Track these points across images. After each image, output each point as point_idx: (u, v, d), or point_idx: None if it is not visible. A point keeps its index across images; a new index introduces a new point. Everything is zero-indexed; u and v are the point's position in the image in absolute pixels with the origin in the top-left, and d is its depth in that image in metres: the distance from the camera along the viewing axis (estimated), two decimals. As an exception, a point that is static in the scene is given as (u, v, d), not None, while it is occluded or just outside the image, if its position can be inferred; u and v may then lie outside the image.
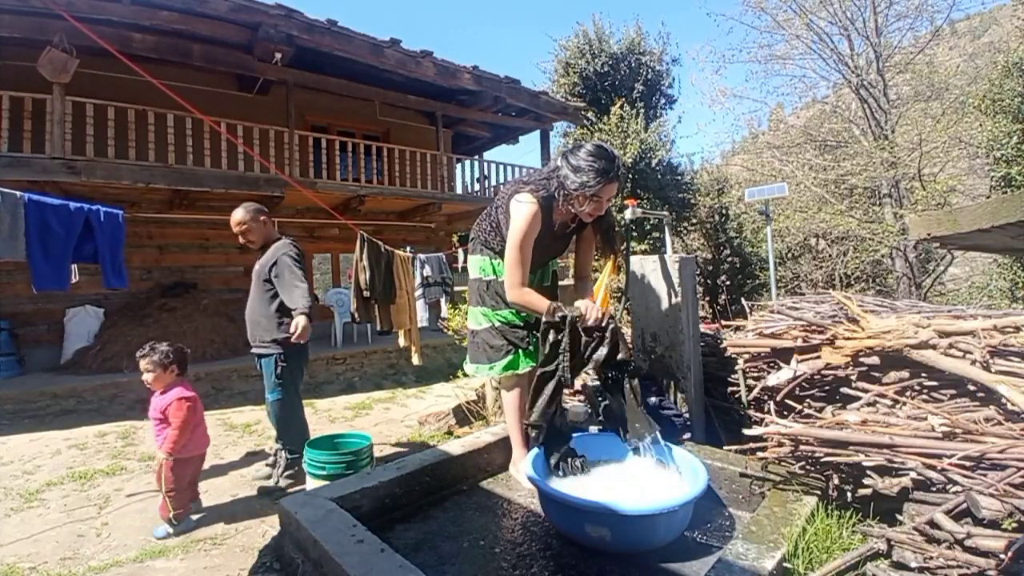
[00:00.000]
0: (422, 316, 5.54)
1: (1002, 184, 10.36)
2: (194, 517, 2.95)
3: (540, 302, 2.06)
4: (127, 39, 5.90)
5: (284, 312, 3.26)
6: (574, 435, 2.18)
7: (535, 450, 2.07)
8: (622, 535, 1.68)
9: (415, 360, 5.26)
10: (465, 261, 3.76)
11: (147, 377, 2.89)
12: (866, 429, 1.79)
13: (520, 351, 2.26)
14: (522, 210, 2.05)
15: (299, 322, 3.09)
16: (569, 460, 2.02)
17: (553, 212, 2.15)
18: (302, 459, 3.07)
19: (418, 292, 5.55)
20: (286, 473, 3.37)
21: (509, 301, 2.13)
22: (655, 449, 2.12)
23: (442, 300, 6.20)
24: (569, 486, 1.90)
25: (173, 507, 2.80)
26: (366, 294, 4.86)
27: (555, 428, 2.04)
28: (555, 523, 1.88)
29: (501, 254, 2.28)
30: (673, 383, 2.53)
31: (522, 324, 2.29)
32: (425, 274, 5.77)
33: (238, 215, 3.40)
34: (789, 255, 14.35)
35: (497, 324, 2.29)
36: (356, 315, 4.91)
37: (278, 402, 3.33)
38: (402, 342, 5.33)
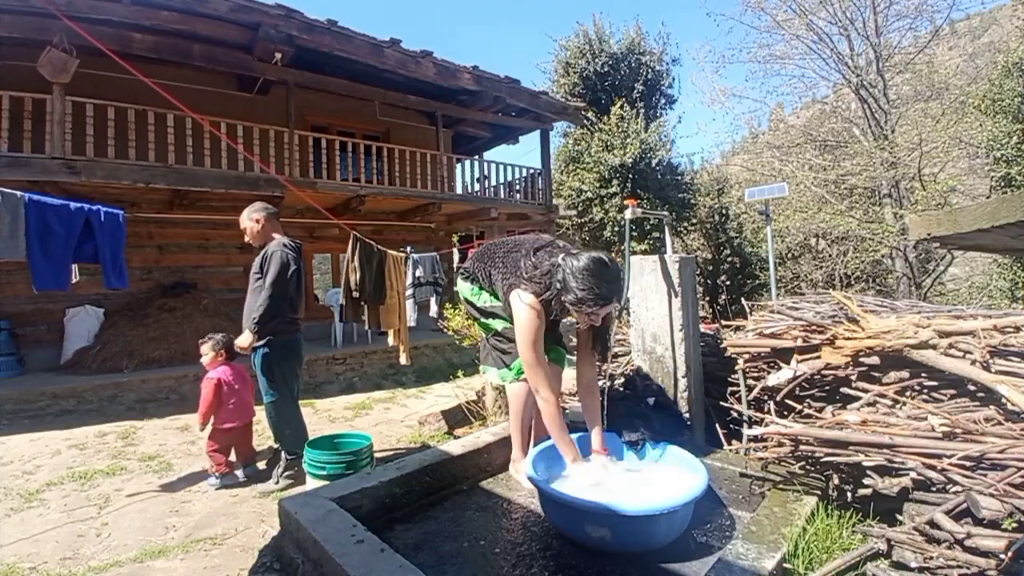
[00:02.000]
0: (411, 316, 5.53)
1: (1002, 184, 10.37)
2: (239, 474, 3.48)
3: (563, 438, 2.01)
4: (127, 39, 5.90)
5: (280, 310, 3.27)
6: (573, 435, 2.19)
7: (535, 450, 2.07)
8: (622, 535, 1.68)
9: (403, 360, 5.27)
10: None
11: (204, 359, 3.55)
12: (866, 429, 1.79)
13: None
14: (525, 315, 1.99)
15: (242, 338, 3.19)
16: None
17: (551, 304, 2.04)
18: (301, 460, 3.14)
19: (408, 292, 5.54)
20: (285, 474, 3.37)
21: (539, 403, 2.05)
22: (655, 449, 2.12)
23: (432, 300, 6.21)
24: (569, 486, 1.90)
25: (212, 465, 3.42)
26: (355, 295, 4.86)
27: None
28: (555, 523, 1.88)
29: (491, 293, 2.35)
30: (673, 383, 2.53)
31: None
32: (417, 274, 5.76)
33: (242, 215, 3.52)
34: (789, 255, 14.36)
35: (500, 328, 2.34)
36: (344, 315, 4.93)
37: (271, 404, 3.37)
38: (391, 341, 5.33)
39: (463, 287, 2.48)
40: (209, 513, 3.07)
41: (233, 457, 3.52)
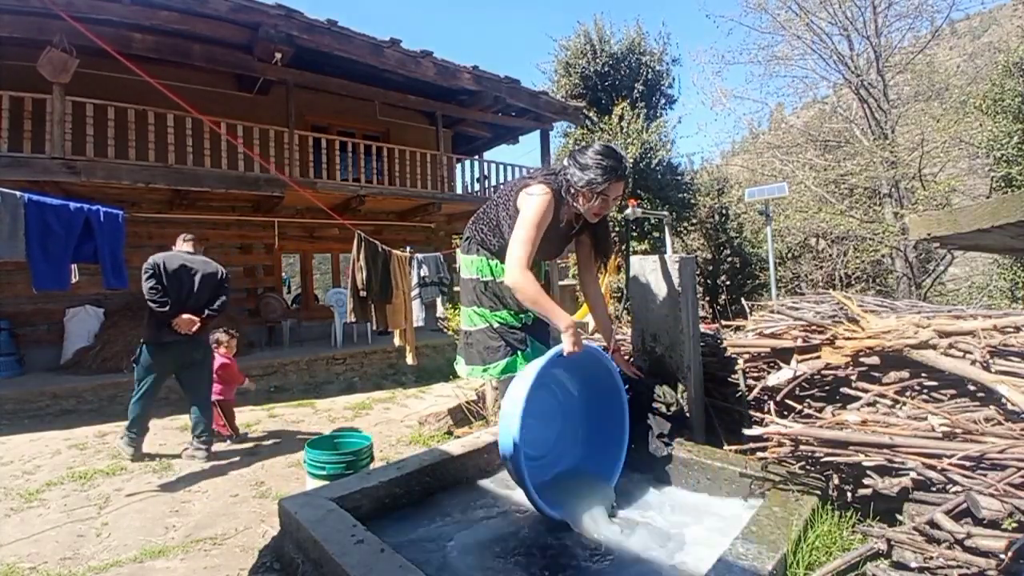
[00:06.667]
0: (418, 316, 5.55)
1: (1003, 184, 10.38)
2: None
3: (549, 301, 1.94)
4: (127, 39, 5.90)
5: (149, 314, 3.86)
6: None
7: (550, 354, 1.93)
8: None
9: (410, 360, 5.30)
10: None
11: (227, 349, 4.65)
12: (866, 429, 1.79)
13: (519, 352, 2.23)
14: (536, 199, 2.01)
15: (177, 320, 3.86)
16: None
17: (560, 210, 2.13)
18: (131, 434, 4.00)
19: (414, 292, 5.55)
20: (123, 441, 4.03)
21: (509, 281, 1.98)
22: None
23: (439, 300, 6.21)
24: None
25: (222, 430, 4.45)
26: (363, 294, 4.88)
27: None
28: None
29: (498, 255, 2.24)
30: (673, 383, 2.53)
31: (520, 326, 2.26)
32: (422, 274, 5.77)
33: None
34: (789, 255, 14.36)
35: (495, 325, 2.25)
36: (353, 315, 4.94)
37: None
38: (397, 341, 5.36)
39: (469, 262, 2.32)
40: (209, 513, 3.07)
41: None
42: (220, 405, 4.43)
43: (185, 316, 3.85)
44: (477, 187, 10.61)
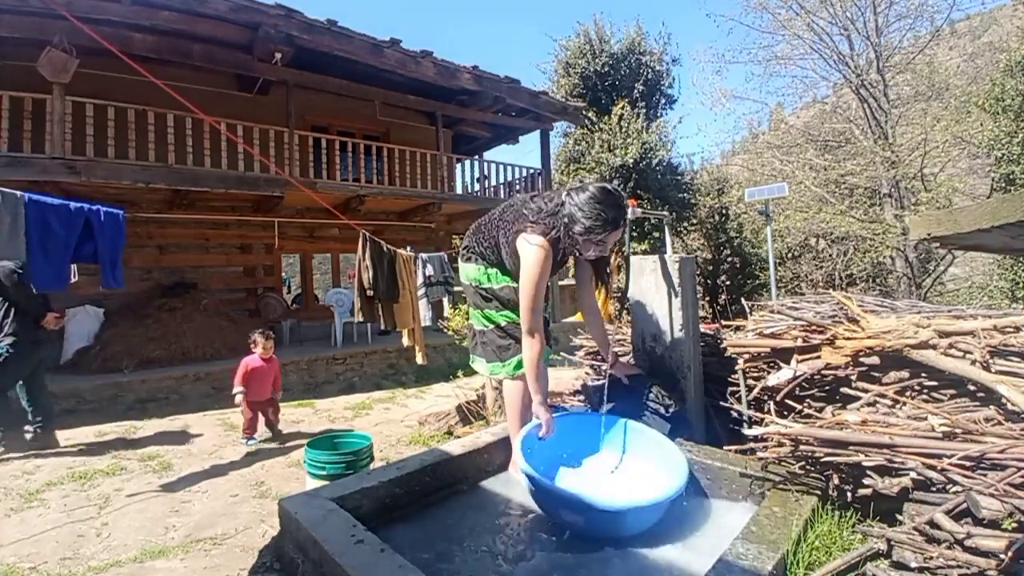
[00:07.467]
0: (425, 315, 5.54)
1: (1004, 184, 10.39)
2: (257, 437, 4.47)
3: (537, 375, 2.11)
4: (127, 39, 5.89)
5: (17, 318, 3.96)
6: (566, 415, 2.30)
7: (524, 431, 2.11)
8: (592, 523, 1.79)
9: (419, 359, 5.26)
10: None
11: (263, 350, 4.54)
12: (866, 429, 1.78)
13: None
14: (535, 255, 2.03)
15: (48, 319, 4.13)
16: None
17: (557, 247, 2.13)
18: (47, 424, 4.16)
19: (420, 291, 5.54)
20: (31, 436, 4.13)
21: (523, 339, 2.13)
22: (646, 442, 2.16)
23: (444, 300, 6.20)
24: (560, 472, 1.95)
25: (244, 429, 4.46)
26: (369, 293, 4.87)
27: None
28: (537, 503, 1.95)
29: (498, 266, 2.31)
30: (673, 383, 2.52)
31: None
32: (427, 273, 5.76)
33: None
34: (789, 255, 14.35)
35: (503, 324, 2.30)
36: (360, 314, 4.94)
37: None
38: (406, 341, 5.33)
39: (468, 270, 2.38)
40: (209, 513, 3.07)
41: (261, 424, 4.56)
42: (258, 406, 4.49)
43: (53, 314, 4.14)
44: (477, 187, 10.60)
